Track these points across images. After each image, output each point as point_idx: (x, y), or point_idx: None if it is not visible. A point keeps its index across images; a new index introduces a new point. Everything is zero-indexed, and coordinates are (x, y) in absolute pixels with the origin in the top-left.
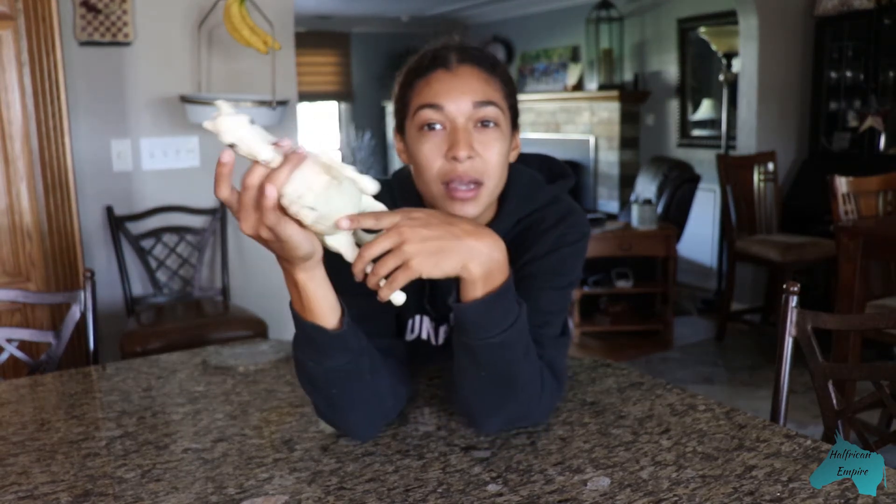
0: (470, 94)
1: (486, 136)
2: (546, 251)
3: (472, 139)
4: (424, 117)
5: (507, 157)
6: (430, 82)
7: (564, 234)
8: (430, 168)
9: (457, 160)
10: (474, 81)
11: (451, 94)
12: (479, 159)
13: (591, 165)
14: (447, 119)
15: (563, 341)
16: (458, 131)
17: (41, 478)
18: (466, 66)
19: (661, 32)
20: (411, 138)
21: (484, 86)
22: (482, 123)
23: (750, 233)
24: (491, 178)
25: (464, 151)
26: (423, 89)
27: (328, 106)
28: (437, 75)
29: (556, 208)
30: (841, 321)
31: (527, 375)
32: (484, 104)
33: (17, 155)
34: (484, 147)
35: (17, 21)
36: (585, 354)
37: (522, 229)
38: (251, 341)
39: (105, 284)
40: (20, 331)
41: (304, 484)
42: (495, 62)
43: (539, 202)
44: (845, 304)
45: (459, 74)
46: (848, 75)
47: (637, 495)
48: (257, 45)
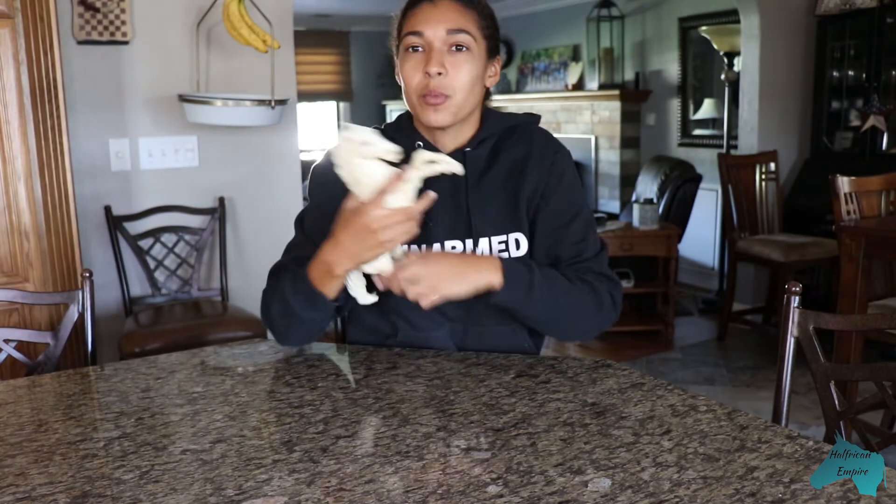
0: (445, 22)
1: (456, 58)
2: (551, 192)
3: (443, 59)
4: (408, 42)
5: (477, 78)
6: (415, 13)
7: (556, 161)
8: (410, 82)
9: (429, 75)
10: (450, 12)
11: (429, 23)
12: (448, 76)
13: (592, 165)
14: (426, 42)
15: (602, 254)
16: (433, 52)
17: (39, 479)
18: (446, 0)
19: (663, 31)
20: (400, 59)
21: (458, 16)
22: (455, 48)
23: (751, 232)
24: (458, 92)
25: (434, 68)
26: (410, 19)
27: (328, 106)
28: (422, 7)
29: (536, 132)
30: (843, 321)
31: (573, 304)
32: (456, 31)
33: (14, 154)
34: (454, 67)
35: (14, 20)
36: (586, 355)
37: (502, 138)
38: (250, 342)
39: (103, 285)
40: (18, 331)
41: (304, 485)
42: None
43: (511, 120)
44: (847, 304)
45: (439, 6)
46: (850, 74)
47: (638, 496)
48: (256, 44)
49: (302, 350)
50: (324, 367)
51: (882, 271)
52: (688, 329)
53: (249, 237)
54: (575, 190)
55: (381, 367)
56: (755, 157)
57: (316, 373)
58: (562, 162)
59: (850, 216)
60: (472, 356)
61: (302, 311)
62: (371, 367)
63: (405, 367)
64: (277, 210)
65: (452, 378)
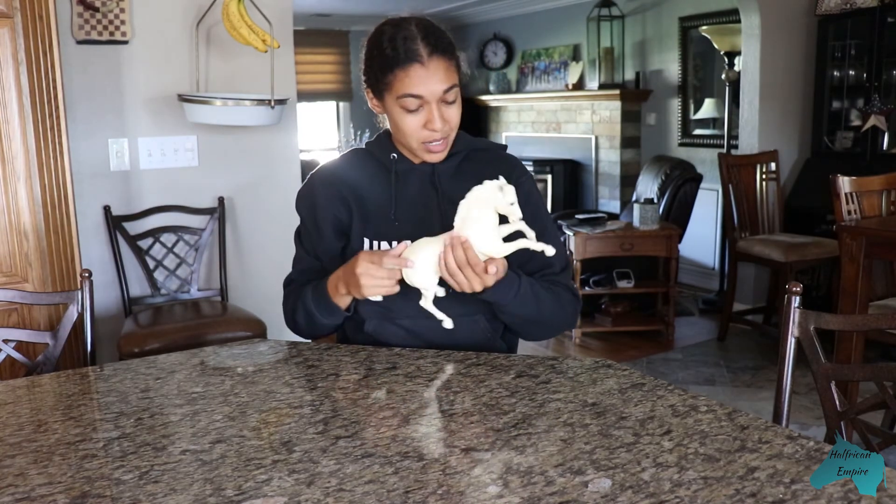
0: (440, 83)
1: (451, 109)
2: None
3: (442, 114)
4: (406, 103)
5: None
6: (408, 74)
7: (521, 184)
8: (412, 136)
9: (434, 131)
10: (440, 71)
11: (426, 85)
12: (447, 125)
13: (592, 165)
14: (423, 101)
15: (568, 270)
16: (433, 111)
17: (38, 479)
18: (435, 59)
19: (663, 31)
20: (394, 110)
21: (448, 73)
22: (447, 101)
23: (752, 232)
24: (452, 132)
25: (438, 124)
26: (403, 79)
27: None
28: (414, 69)
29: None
30: (843, 321)
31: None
32: (449, 88)
33: (14, 154)
34: (450, 116)
35: (14, 19)
36: (587, 355)
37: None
38: (250, 342)
39: (102, 285)
40: (17, 331)
41: (303, 485)
42: (452, 46)
43: (480, 144)
44: (848, 304)
45: (431, 68)
46: (851, 74)
47: (639, 497)
48: (256, 43)
49: (302, 350)
50: (324, 367)
51: (883, 271)
52: (688, 329)
53: (249, 237)
54: (541, 208)
55: (380, 367)
56: (756, 157)
57: (316, 373)
58: (527, 184)
59: (850, 216)
60: (472, 356)
61: (322, 318)
62: (371, 367)
63: (405, 368)
64: (277, 210)
65: (452, 378)
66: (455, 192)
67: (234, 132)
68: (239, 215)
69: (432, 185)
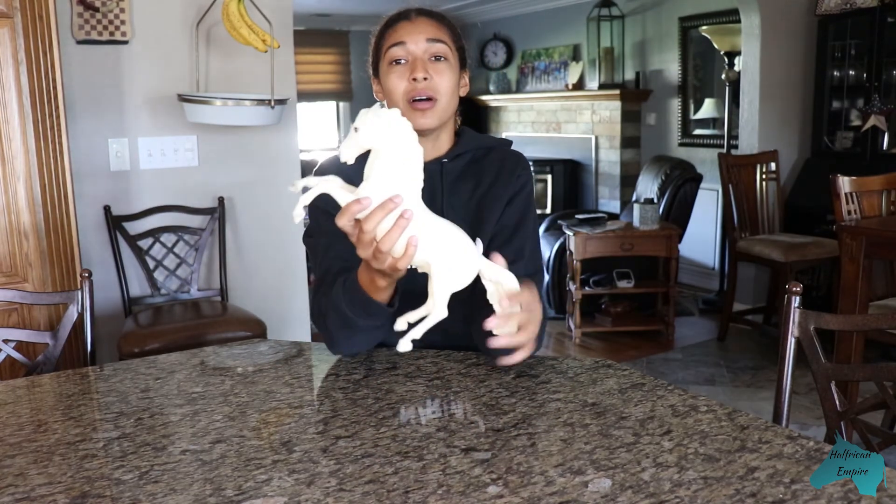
0: (424, 33)
1: (437, 66)
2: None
3: (427, 66)
4: (392, 54)
5: (455, 85)
6: (395, 29)
7: (521, 176)
8: (397, 90)
9: (416, 80)
10: (427, 26)
11: (411, 35)
12: (433, 81)
13: (592, 165)
14: (409, 53)
15: (541, 276)
16: (416, 60)
17: (38, 479)
18: (422, 17)
19: (663, 31)
20: (384, 73)
21: (435, 29)
22: (435, 58)
23: (752, 232)
24: (442, 96)
25: (420, 73)
26: (390, 35)
27: (327, 105)
28: (401, 24)
29: (509, 153)
30: (843, 321)
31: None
32: (435, 41)
33: (14, 154)
34: (436, 73)
35: (13, 19)
36: (586, 355)
37: (476, 157)
38: (250, 342)
39: (102, 285)
40: (17, 331)
41: (304, 486)
42: (444, 16)
43: (487, 142)
44: (848, 304)
45: (416, 22)
46: (851, 74)
47: (638, 497)
48: (256, 43)
49: (302, 350)
50: (324, 367)
51: (883, 271)
52: (688, 329)
53: (249, 237)
54: (529, 219)
55: (381, 367)
56: (756, 157)
57: (316, 373)
58: (528, 184)
59: (850, 216)
60: (472, 356)
61: (358, 319)
62: (371, 367)
63: (405, 367)
64: (277, 210)
65: (452, 378)
66: (461, 192)
67: (234, 132)
68: (239, 215)
69: (439, 184)
